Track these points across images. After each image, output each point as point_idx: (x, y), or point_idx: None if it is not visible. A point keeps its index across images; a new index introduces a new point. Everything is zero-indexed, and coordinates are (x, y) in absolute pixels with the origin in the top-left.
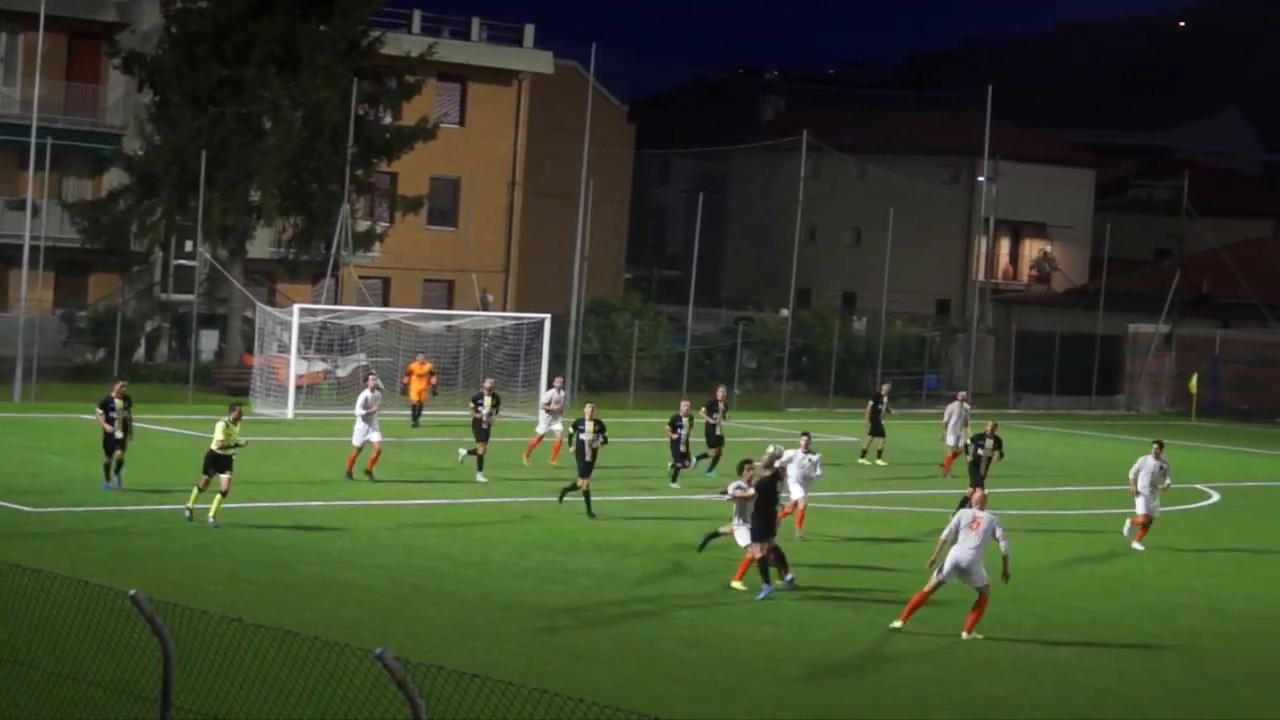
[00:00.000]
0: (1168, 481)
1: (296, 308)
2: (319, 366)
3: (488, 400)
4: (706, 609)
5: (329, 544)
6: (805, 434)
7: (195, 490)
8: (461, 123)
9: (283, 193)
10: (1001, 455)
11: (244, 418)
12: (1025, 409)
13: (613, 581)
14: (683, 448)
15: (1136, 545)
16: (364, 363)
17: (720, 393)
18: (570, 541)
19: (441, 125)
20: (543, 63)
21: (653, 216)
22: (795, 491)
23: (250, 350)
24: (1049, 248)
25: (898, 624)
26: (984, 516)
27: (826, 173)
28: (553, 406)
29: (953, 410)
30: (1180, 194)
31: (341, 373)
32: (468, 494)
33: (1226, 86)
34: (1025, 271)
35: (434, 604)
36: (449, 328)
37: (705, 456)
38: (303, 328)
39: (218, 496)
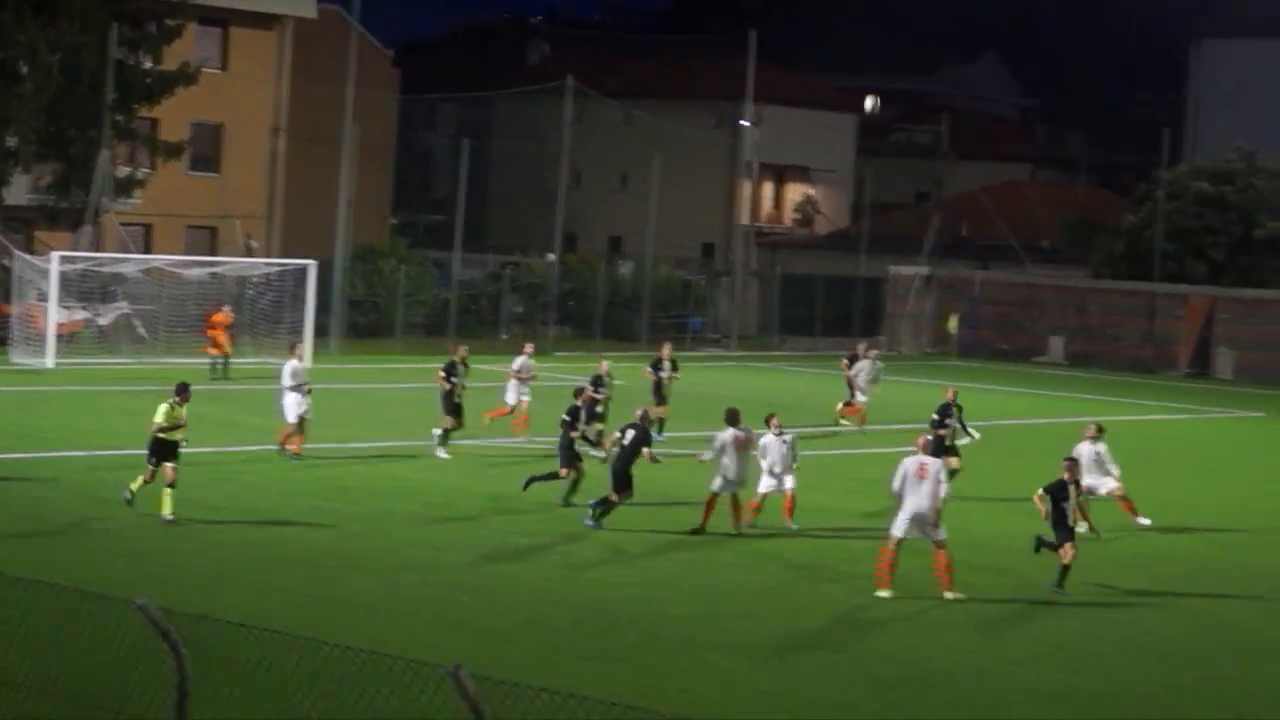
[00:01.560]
0: (1112, 470)
1: (55, 255)
2: (79, 315)
3: (461, 370)
4: (477, 555)
5: (90, 494)
6: (772, 415)
7: (140, 479)
8: (224, 67)
9: (40, 139)
10: (965, 429)
11: (15, 365)
12: (789, 351)
13: (382, 527)
14: (599, 409)
15: (1141, 520)
16: (126, 310)
17: (666, 350)
18: (339, 488)
19: (203, 70)
20: (305, 7)
21: (419, 162)
22: (764, 483)
23: (8, 299)
24: (812, 191)
25: (884, 593)
26: (931, 463)
27: (592, 118)
28: (524, 375)
29: (862, 366)
30: (940, 138)
31: (103, 321)
32: (233, 441)
33: (985, 32)
34: (789, 215)
35: (199, 554)
36: (213, 275)
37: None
38: (62, 275)
39: (167, 491)
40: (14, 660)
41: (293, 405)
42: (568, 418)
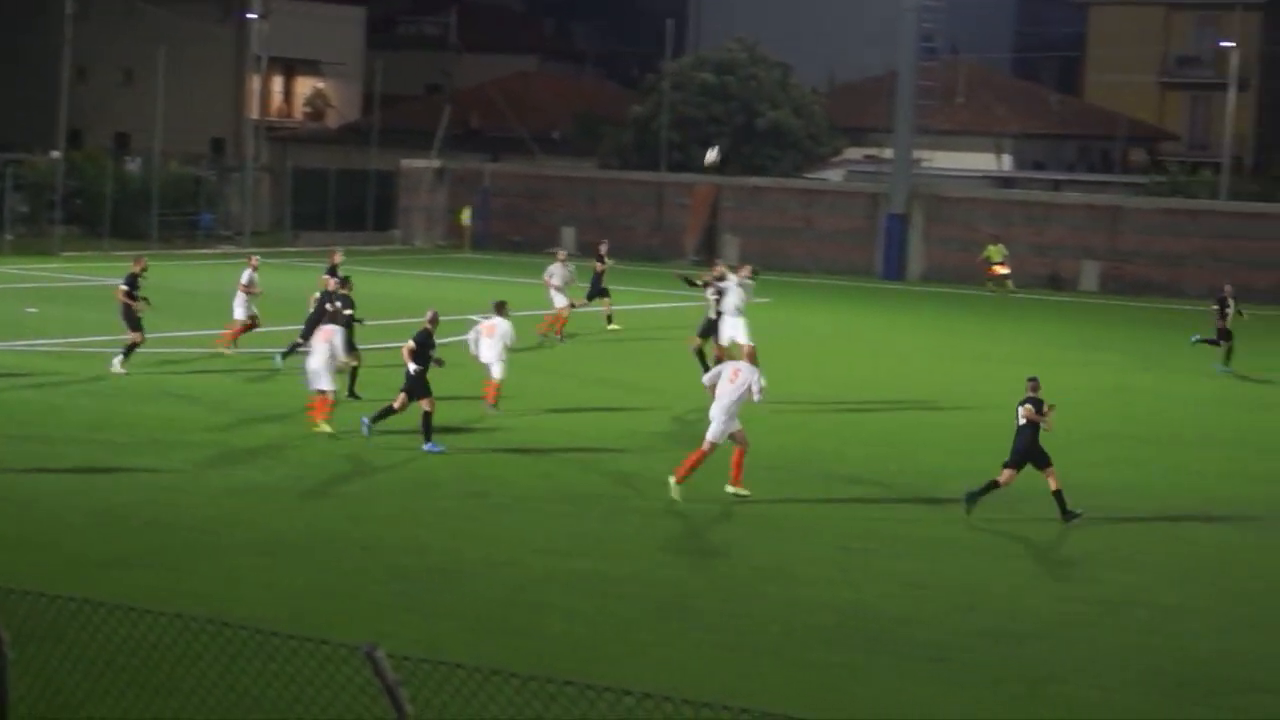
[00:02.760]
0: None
1: None
2: None
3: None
4: None
5: None
6: (500, 303)
7: None
8: None
9: None
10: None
11: None
12: (304, 245)
13: None
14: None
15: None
16: None
17: (336, 255)
18: None
19: None
20: None
21: None
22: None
23: None
24: (322, 85)
25: (675, 491)
26: (744, 368)
27: (96, 12)
28: (255, 290)
29: (553, 270)
30: (449, 30)
31: None
32: None
33: None
34: (299, 109)
35: None
36: None
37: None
38: None
39: None
40: None
41: None
42: (340, 304)
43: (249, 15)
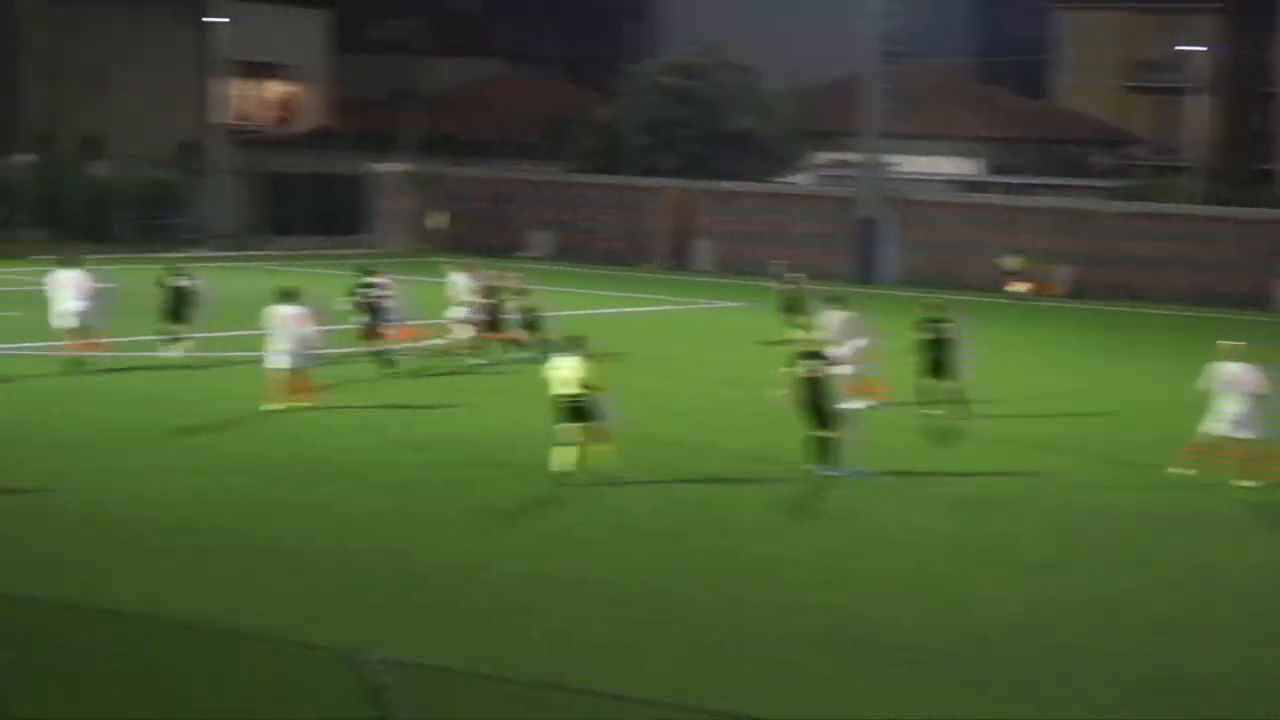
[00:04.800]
0: None
1: None
2: None
3: None
4: None
5: None
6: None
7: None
8: None
9: None
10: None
11: None
12: (280, 250)
13: None
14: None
15: None
16: None
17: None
18: None
19: None
20: None
21: None
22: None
23: None
24: (291, 88)
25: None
26: (1242, 370)
27: (56, 14)
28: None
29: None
30: (417, 33)
31: None
32: None
33: None
34: (269, 113)
35: None
36: None
37: None
38: None
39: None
40: None
41: None
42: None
43: (218, 19)
